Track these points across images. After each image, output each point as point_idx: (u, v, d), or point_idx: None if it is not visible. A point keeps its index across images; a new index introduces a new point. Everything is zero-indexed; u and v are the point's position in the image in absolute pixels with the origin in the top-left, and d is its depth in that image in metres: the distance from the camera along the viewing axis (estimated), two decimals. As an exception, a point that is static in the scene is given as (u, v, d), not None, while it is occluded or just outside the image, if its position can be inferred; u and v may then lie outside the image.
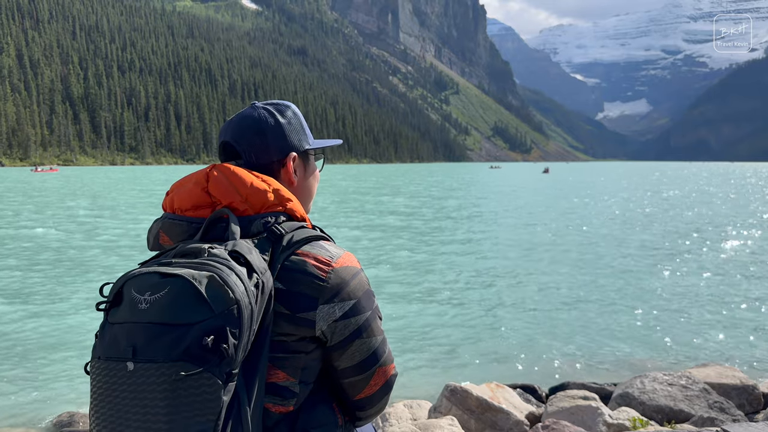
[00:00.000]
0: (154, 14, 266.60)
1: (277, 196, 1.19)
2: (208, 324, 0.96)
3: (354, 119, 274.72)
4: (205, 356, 0.95)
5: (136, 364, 0.96)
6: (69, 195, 36.83)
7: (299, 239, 1.16)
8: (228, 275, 0.99)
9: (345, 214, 24.71)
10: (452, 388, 4.41)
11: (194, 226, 1.19)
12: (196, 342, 0.95)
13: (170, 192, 1.25)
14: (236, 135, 1.31)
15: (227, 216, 1.16)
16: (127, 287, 1.03)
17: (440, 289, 10.65)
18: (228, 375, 0.97)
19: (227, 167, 1.21)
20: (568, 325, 8.28)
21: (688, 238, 17.54)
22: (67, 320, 8.20)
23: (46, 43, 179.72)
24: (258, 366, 1.06)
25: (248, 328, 1.00)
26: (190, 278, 0.98)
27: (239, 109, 1.33)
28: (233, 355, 0.97)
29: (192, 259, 1.04)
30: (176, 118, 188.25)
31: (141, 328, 0.98)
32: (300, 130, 1.37)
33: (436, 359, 6.90)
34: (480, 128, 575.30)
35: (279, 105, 1.37)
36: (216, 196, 1.18)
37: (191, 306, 0.97)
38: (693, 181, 67.00)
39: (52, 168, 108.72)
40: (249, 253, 1.07)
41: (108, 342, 1.01)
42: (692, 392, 4.64)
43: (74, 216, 22.99)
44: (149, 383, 0.95)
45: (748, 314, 8.89)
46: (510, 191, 45.08)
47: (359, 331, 1.19)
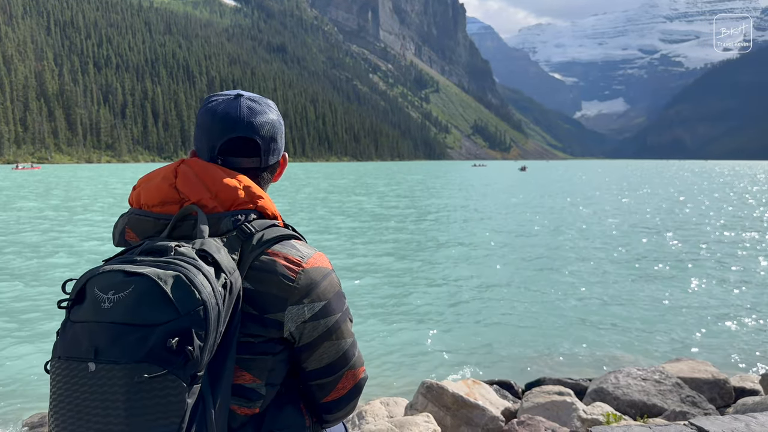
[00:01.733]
0: (131, 10, 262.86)
1: (248, 194, 1.17)
2: (173, 325, 0.94)
3: (334, 117, 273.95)
4: (170, 358, 0.93)
5: (98, 364, 0.93)
6: (50, 193, 36.19)
7: (270, 238, 1.14)
8: (195, 275, 0.97)
9: (321, 214, 24.64)
10: (428, 385, 4.41)
11: (161, 223, 1.16)
12: (161, 343, 0.93)
13: (137, 187, 1.22)
14: (262, 133, 1.27)
15: (195, 213, 1.13)
16: (90, 285, 1.00)
17: (416, 287, 10.66)
18: (193, 377, 0.96)
19: (196, 162, 1.19)
20: (544, 321, 8.34)
21: (663, 235, 17.79)
22: (31, 316, 8.04)
23: (20, 38, 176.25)
24: (224, 368, 1.05)
25: (215, 330, 0.98)
26: (155, 277, 0.95)
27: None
28: (198, 357, 0.95)
29: (158, 258, 1.01)
30: (153, 115, 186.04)
31: (104, 328, 0.95)
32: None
33: (414, 357, 6.90)
34: (460, 126, 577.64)
35: (271, 103, 1.34)
36: (184, 192, 1.15)
37: (156, 306, 0.94)
38: (678, 180, 67.99)
39: (33, 166, 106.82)
40: (217, 252, 1.04)
41: (69, 341, 0.98)
42: (665, 387, 4.69)
43: (46, 213, 22.60)
44: (111, 384, 0.92)
45: (720, 310, 9.03)
46: (495, 190, 45.30)
47: (329, 332, 1.17)
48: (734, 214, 24.66)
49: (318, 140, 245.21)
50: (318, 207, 27.16)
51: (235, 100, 1.28)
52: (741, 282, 11.06)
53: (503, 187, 49.56)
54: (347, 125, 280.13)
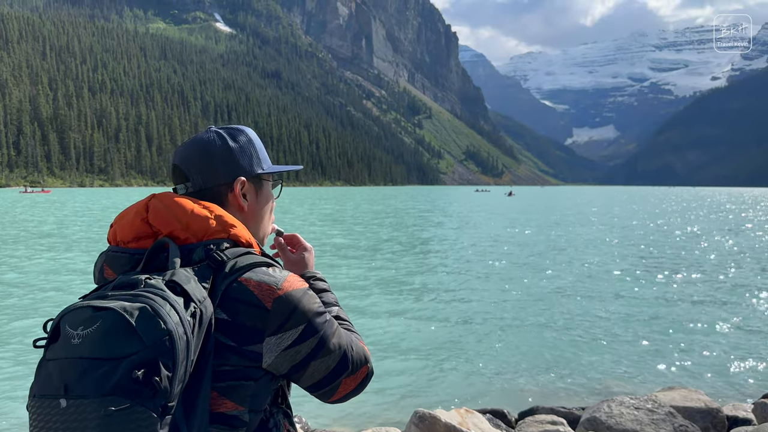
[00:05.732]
0: (126, 36, 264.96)
1: (220, 222, 1.17)
2: (139, 357, 0.93)
3: (328, 142, 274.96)
4: (137, 389, 0.92)
5: (68, 400, 0.93)
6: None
7: (243, 266, 1.13)
8: (161, 306, 0.97)
9: (320, 233, 24.61)
10: (420, 415, 4.37)
11: (136, 258, 1.16)
12: (127, 375, 0.92)
13: (114, 224, 1.23)
14: (185, 157, 1.29)
15: (168, 245, 1.14)
16: (63, 323, 1.00)
17: (409, 313, 10.62)
18: (164, 408, 0.95)
19: (167, 195, 1.20)
20: (537, 349, 8.31)
21: (654, 262, 17.85)
22: (22, 357, 7.95)
23: (15, 63, 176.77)
24: (198, 396, 1.05)
25: (184, 359, 0.98)
26: (120, 310, 0.95)
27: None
28: (167, 387, 0.95)
29: (128, 291, 1.01)
30: (147, 139, 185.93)
31: (72, 364, 0.95)
32: (252, 155, 1.34)
33: (405, 385, 6.85)
34: (453, 152, 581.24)
35: (232, 129, 1.35)
36: (156, 225, 1.17)
37: (121, 339, 0.94)
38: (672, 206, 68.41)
39: (44, 190, 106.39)
40: (187, 283, 1.05)
41: (42, 379, 0.99)
42: (658, 416, 4.66)
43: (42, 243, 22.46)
44: (82, 419, 0.92)
45: (713, 338, 9.04)
46: (486, 218, 45.40)
47: (313, 354, 1.16)
48: (726, 242, 24.80)
49: (311, 165, 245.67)
50: (307, 232, 27.10)
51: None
52: (732, 309, 11.09)
53: (497, 212, 49.71)
54: (341, 150, 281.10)
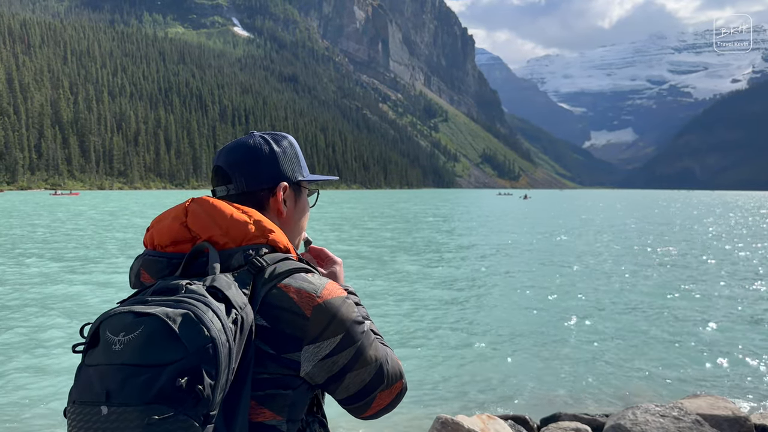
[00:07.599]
0: (145, 40, 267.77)
1: (259, 228, 1.17)
2: (182, 364, 0.92)
3: (344, 145, 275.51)
4: (180, 398, 0.91)
5: (110, 408, 0.92)
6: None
7: (282, 271, 1.13)
8: (204, 312, 0.96)
9: (337, 240, 24.66)
10: (443, 420, 4.36)
11: (174, 262, 1.15)
12: (170, 383, 0.91)
13: (150, 228, 1.22)
14: (229, 159, 1.30)
15: (207, 250, 1.13)
16: (102, 328, 0.99)
17: (431, 318, 10.59)
18: (206, 417, 0.94)
19: (206, 200, 1.19)
20: (560, 355, 8.24)
21: (679, 268, 17.63)
22: (52, 360, 8.05)
23: (37, 67, 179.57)
24: (239, 405, 1.04)
25: (226, 367, 0.97)
26: (163, 316, 0.95)
27: (229, 135, 1.26)
28: (210, 396, 0.94)
29: (168, 297, 1.00)
30: (166, 143, 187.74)
31: (114, 370, 0.94)
32: (295, 162, 1.36)
33: (428, 390, 6.83)
34: (469, 155, 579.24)
35: (276, 134, 1.37)
36: (195, 230, 1.16)
37: (164, 345, 0.93)
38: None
39: (72, 192, 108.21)
40: (228, 288, 1.04)
41: (82, 385, 0.98)
42: (684, 424, 4.56)
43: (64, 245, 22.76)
44: (124, 428, 0.91)
45: (739, 344, 8.90)
46: (503, 222, 45.17)
47: (349, 365, 1.15)
48: (753, 246, 24.43)
49: (328, 168, 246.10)
50: (327, 235, 27.16)
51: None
52: (759, 315, 10.91)
53: (517, 216, 49.42)
54: (357, 153, 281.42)
